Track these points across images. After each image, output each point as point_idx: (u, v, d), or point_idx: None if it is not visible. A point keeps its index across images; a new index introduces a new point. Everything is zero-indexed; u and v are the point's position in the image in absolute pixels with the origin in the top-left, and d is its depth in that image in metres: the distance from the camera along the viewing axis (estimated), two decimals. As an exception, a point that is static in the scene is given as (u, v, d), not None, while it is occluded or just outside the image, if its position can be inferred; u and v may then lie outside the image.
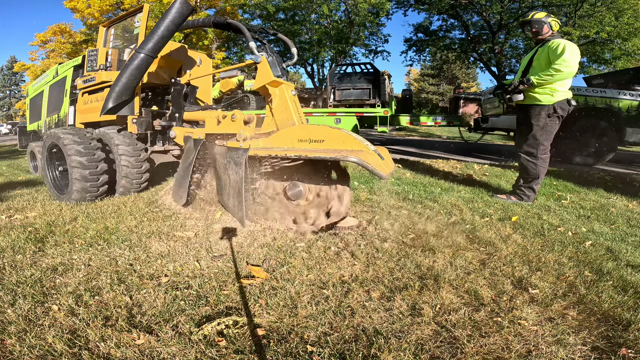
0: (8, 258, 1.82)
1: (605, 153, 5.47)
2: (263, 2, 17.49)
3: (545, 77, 2.87)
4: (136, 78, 2.82)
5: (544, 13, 3.13)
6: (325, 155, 1.87)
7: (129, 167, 3.10)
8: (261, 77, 2.44)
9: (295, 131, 2.13)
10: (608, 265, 1.84)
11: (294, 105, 2.41)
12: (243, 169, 2.09)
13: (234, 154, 2.23)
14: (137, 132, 3.20)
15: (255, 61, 2.45)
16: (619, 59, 14.93)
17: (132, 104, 3.12)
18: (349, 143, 1.91)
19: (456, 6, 16.07)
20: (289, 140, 2.10)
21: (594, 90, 5.52)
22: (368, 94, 10.02)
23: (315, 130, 2.04)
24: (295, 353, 1.15)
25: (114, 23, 3.58)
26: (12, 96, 44.69)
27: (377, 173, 1.82)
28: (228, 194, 2.30)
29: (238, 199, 2.14)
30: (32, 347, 1.14)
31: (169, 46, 3.38)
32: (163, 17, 2.70)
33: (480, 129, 7.01)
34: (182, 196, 2.66)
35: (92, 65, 3.31)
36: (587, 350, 1.19)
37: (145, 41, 2.73)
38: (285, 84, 2.46)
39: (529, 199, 3.14)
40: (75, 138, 3.00)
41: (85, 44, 17.48)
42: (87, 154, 2.96)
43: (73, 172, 2.94)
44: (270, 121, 2.46)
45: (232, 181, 2.21)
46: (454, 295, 1.51)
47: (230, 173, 2.23)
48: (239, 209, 2.15)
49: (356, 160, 1.80)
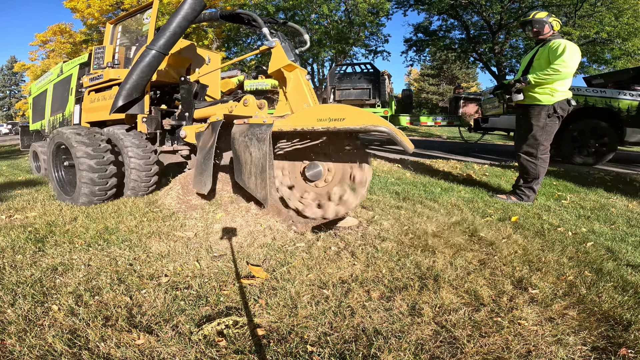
0: (8, 258, 1.82)
1: (605, 153, 5.47)
2: (263, 2, 17.49)
3: (544, 77, 2.87)
4: (147, 75, 2.75)
5: (545, 13, 3.13)
6: (355, 126, 1.83)
7: (138, 169, 3.00)
8: (276, 61, 2.45)
9: (313, 110, 2.09)
10: (608, 265, 1.84)
11: (309, 89, 2.42)
12: (267, 145, 2.03)
13: (257, 129, 2.16)
14: (146, 131, 3.11)
15: (270, 46, 2.45)
16: (619, 59, 14.92)
17: (142, 102, 3.03)
18: (371, 119, 1.86)
19: (456, 6, 16.05)
20: (308, 120, 2.03)
21: (594, 90, 5.52)
22: (368, 94, 10.03)
23: (334, 109, 1.99)
24: (295, 353, 1.15)
25: (121, 20, 3.50)
26: (12, 96, 44.69)
27: (404, 146, 1.81)
28: (249, 172, 2.23)
29: (261, 176, 2.08)
30: (32, 347, 1.14)
31: (179, 43, 3.27)
32: (175, 13, 2.65)
33: (480, 129, 7.02)
34: (205, 182, 2.56)
35: (99, 63, 3.22)
36: (587, 350, 1.19)
37: (156, 37, 2.67)
38: (299, 69, 2.46)
39: (529, 199, 3.14)
40: (84, 139, 2.88)
41: (85, 44, 17.48)
42: (96, 156, 2.85)
43: (81, 175, 2.84)
44: (283, 106, 2.48)
45: (254, 158, 2.15)
46: (454, 295, 1.51)
47: (252, 150, 2.16)
48: (262, 187, 2.10)
49: (386, 130, 1.77)
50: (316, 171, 2.47)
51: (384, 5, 17.70)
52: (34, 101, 5.14)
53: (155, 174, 3.15)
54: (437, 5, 16.04)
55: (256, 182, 2.16)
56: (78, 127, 3.26)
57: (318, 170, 2.47)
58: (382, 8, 17.82)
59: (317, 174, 2.47)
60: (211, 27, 17.35)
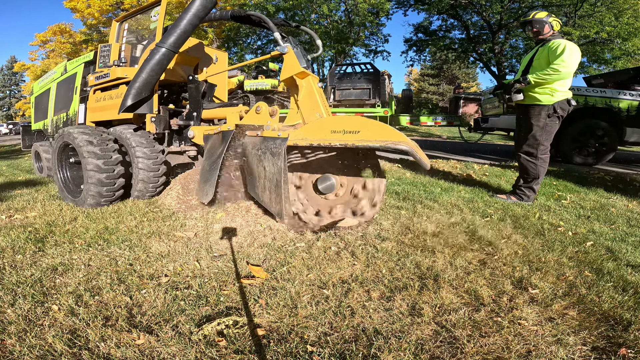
0: (8, 258, 1.82)
1: (605, 153, 5.47)
2: (263, 2, 17.50)
3: (543, 77, 2.86)
4: (157, 74, 2.70)
5: (545, 13, 3.12)
6: (374, 144, 1.79)
7: (146, 170, 2.94)
8: (288, 68, 2.38)
9: (327, 122, 2.04)
10: (608, 265, 1.84)
11: (321, 97, 2.36)
12: (282, 160, 1.99)
13: (271, 143, 2.11)
14: (155, 131, 3.06)
15: (282, 52, 2.39)
16: (619, 59, 14.94)
17: (151, 101, 2.97)
18: (387, 134, 1.82)
19: (456, 6, 16.06)
20: (322, 132, 1.98)
21: (594, 90, 5.52)
22: (368, 94, 10.03)
23: (349, 121, 1.95)
24: (295, 353, 1.15)
25: (127, 17, 3.44)
26: (12, 96, 44.70)
27: (423, 163, 1.80)
28: (263, 186, 2.18)
29: (276, 191, 2.03)
30: (32, 347, 1.14)
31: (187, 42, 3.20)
32: (186, 10, 2.60)
33: (480, 129, 7.01)
34: (207, 192, 2.52)
35: (105, 61, 3.16)
36: (587, 350, 1.19)
37: (166, 35, 2.62)
38: (311, 76, 2.40)
39: (529, 199, 3.14)
40: (91, 139, 2.83)
41: (85, 44, 17.50)
42: (103, 156, 2.80)
43: (89, 176, 2.79)
44: (294, 114, 2.41)
45: (269, 173, 2.10)
46: (454, 295, 1.51)
47: (266, 164, 2.11)
48: (276, 202, 2.05)
49: (407, 148, 1.74)
50: (328, 184, 2.40)
51: (384, 6, 17.71)
52: (36, 100, 5.04)
53: (164, 175, 3.08)
54: (437, 5, 16.05)
55: (271, 197, 2.10)
56: (85, 126, 3.21)
57: (330, 183, 2.40)
58: (382, 8, 17.83)
59: (329, 187, 2.40)
60: (211, 27, 17.36)
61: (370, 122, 1.90)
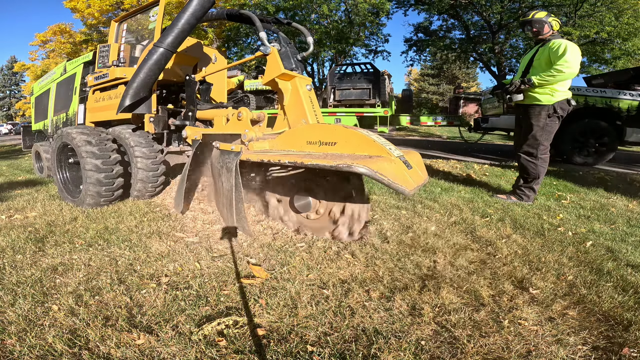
0: (8, 258, 1.82)
1: (605, 153, 5.47)
2: (263, 2, 17.49)
3: (547, 78, 2.87)
4: (155, 74, 2.68)
5: (545, 13, 3.12)
6: (324, 164, 1.53)
7: (145, 170, 2.92)
8: (270, 70, 2.23)
9: (305, 131, 1.89)
10: (608, 265, 1.84)
11: (309, 101, 2.19)
12: (234, 176, 1.85)
13: (226, 158, 1.99)
14: (154, 131, 3.05)
15: (265, 53, 2.26)
16: (619, 59, 14.93)
17: (149, 101, 2.96)
18: (366, 146, 1.61)
19: (456, 6, 16.06)
20: (297, 142, 1.84)
21: (594, 90, 5.52)
22: (368, 94, 10.03)
23: (328, 131, 1.77)
24: (295, 353, 1.15)
25: (126, 18, 3.43)
26: (12, 96, 44.70)
27: (395, 187, 1.46)
28: (222, 202, 2.09)
29: (230, 210, 1.91)
30: (32, 347, 1.14)
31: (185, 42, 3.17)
32: (184, 10, 2.58)
33: (480, 129, 7.01)
34: (178, 203, 2.50)
35: (104, 62, 3.14)
36: (588, 350, 1.19)
37: (164, 35, 2.60)
38: (299, 78, 2.24)
39: (529, 199, 3.14)
40: (90, 139, 2.83)
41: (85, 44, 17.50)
42: (102, 156, 2.79)
43: (87, 176, 2.79)
44: (282, 120, 2.27)
45: (225, 189, 1.99)
46: (454, 295, 1.51)
47: (223, 180, 2.00)
48: (230, 221, 1.96)
49: (364, 170, 1.43)
50: (304, 203, 2.16)
51: (384, 6, 17.70)
52: (36, 101, 5.04)
53: (163, 174, 3.07)
54: (437, 5, 16.05)
55: (227, 214, 2.00)
56: (83, 126, 3.20)
57: (306, 202, 2.15)
58: (382, 8, 17.82)
59: (305, 206, 2.16)
60: (211, 27, 17.36)
61: (352, 133, 1.71)
